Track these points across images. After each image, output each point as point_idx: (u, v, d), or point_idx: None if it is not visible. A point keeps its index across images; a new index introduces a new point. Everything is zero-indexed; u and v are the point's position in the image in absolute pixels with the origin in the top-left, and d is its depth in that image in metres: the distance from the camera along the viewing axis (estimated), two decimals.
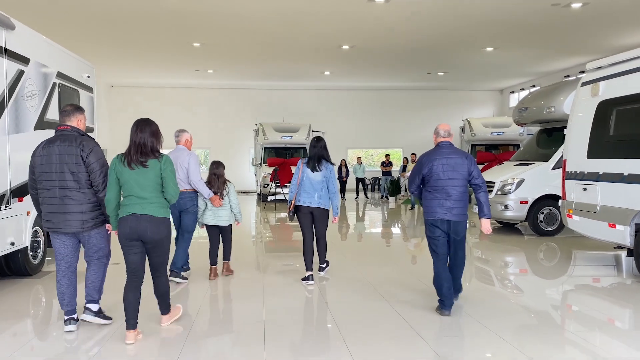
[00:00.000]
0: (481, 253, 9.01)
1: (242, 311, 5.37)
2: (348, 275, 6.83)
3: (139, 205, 4.11)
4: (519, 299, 6.01)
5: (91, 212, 4.37)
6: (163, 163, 4.19)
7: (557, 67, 19.35)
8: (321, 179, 6.11)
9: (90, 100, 8.36)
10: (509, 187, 9.84)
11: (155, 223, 4.14)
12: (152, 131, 4.22)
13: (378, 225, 13.06)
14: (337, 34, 14.53)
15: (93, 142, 4.44)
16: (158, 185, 4.18)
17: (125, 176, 4.13)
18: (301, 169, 6.16)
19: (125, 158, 4.16)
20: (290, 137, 18.75)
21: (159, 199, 4.19)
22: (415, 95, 25.07)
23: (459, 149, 5.09)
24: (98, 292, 4.58)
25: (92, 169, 4.31)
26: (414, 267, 7.64)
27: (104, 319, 4.62)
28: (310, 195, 6.10)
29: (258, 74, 20.65)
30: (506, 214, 9.95)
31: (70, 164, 4.28)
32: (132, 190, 4.13)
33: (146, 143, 4.16)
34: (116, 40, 15.10)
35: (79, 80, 7.97)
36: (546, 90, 10.37)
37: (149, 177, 4.13)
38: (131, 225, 4.11)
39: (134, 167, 4.11)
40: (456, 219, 4.87)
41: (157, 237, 4.19)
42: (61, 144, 4.31)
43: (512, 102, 24.47)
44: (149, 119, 4.33)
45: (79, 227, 4.32)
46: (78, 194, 4.30)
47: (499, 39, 15.15)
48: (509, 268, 7.78)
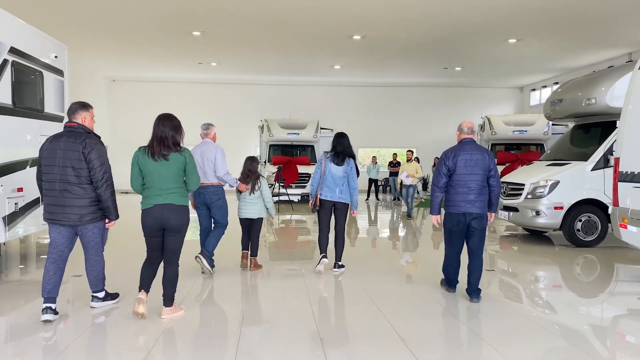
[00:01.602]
0: (507, 265, 7.84)
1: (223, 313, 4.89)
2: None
3: (160, 195, 4.41)
4: (552, 318, 5.15)
5: (89, 207, 4.51)
6: (188, 156, 4.52)
7: (584, 62, 18.04)
8: (343, 174, 6.37)
9: (58, 85, 7.27)
10: (541, 190, 8.57)
11: (178, 211, 4.45)
12: (174, 125, 4.47)
13: (389, 231, 11.84)
14: (348, 23, 13.46)
15: (96, 140, 4.57)
16: (179, 177, 4.49)
17: (149, 168, 4.41)
18: (324, 163, 6.41)
19: (148, 150, 4.43)
20: (297, 134, 17.62)
21: (179, 189, 4.49)
22: (430, 92, 23.89)
23: (480, 146, 5.32)
24: (101, 281, 4.87)
25: (92, 166, 4.44)
26: (429, 287, 6.42)
27: (112, 299, 5.01)
28: (332, 189, 6.38)
29: (264, 67, 19.63)
30: (538, 221, 8.68)
31: (72, 159, 4.43)
32: (154, 181, 4.42)
33: (167, 136, 4.42)
34: (113, 30, 14.32)
35: (43, 60, 6.88)
36: (585, 80, 9.09)
37: (171, 169, 4.42)
38: (155, 216, 4.41)
39: (157, 159, 4.39)
40: (479, 211, 5.15)
41: (178, 223, 4.48)
42: (67, 140, 4.49)
43: (533, 100, 23.22)
44: (171, 114, 4.58)
45: (76, 220, 4.49)
46: (78, 189, 4.46)
47: (523, 29, 13.98)
48: (539, 283, 6.74)
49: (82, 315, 4.78)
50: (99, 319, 4.71)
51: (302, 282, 6.20)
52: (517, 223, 9.41)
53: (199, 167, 5.86)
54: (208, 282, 6.13)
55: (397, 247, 9.60)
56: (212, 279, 6.24)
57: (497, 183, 5.20)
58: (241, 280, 6.36)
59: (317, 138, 17.70)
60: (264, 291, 5.99)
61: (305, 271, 6.76)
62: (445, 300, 5.45)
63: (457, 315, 4.96)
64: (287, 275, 6.64)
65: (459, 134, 5.36)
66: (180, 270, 4.73)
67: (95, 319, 4.68)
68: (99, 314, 4.81)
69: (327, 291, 6.10)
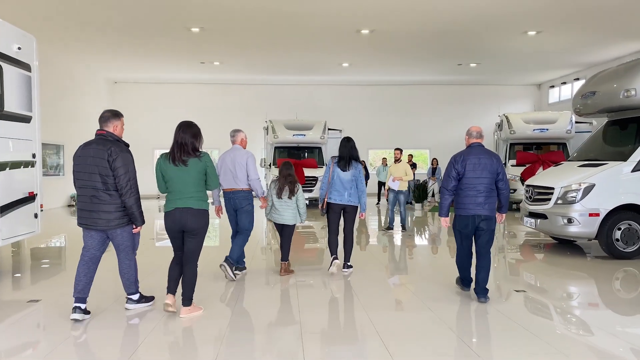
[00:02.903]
0: (535, 278, 6.92)
1: None
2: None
3: (180, 199, 4.65)
4: (588, 341, 4.52)
5: (116, 212, 4.65)
6: (207, 161, 4.74)
7: (608, 56, 16.95)
8: (351, 177, 6.48)
9: (23, 80, 6.42)
10: (573, 195, 7.55)
11: (196, 214, 4.67)
12: (193, 133, 4.69)
13: (402, 241, 10.87)
14: (356, 16, 12.57)
15: (122, 148, 4.68)
16: (199, 181, 4.71)
17: (170, 173, 4.66)
18: (332, 168, 6.54)
19: (169, 156, 4.68)
20: (303, 135, 16.70)
21: (199, 193, 4.71)
22: (443, 90, 22.87)
23: (488, 150, 5.43)
24: (134, 283, 4.98)
25: (117, 173, 4.56)
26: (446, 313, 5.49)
27: (147, 302, 5.12)
28: (341, 193, 6.50)
29: (268, 66, 18.80)
30: (570, 230, 7.66)
31: (100, 166, 4.56)
32: (175, 186, 4.67)
33: (187, 143, 4.63)
34: (108, 28, 13.68)
35: (2, 51, 6.03)
36: (623, 69, 8.05)
37: (191, 174, 4.64)
38: (175, 219, 4.67)
39: (177, 165, 4.62)
40: (488, 213, 5.28)
41: (196, 226, 4.69)
42: (96, 147, 4.63)
43: (552, 98, 22.12)
44: (192, 122, 4.80)
45: (104, 225, 4.64)
46: (105, 195, 4.60)
47: (544, 20, 12.98)
48: (573, 300, 5.89)
49: (111, 315, 4.94)
50: (132, 320, 4.86)
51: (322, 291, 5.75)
52: (546, 232, 8.39)
53: (229, 172, 6.20)
54: (232, 284, 6.22)
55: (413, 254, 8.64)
56: (238, 282, 6.32)
57: (505, 186, 5.35)
58: (266, 283, 6.43)
59: (324, 139, 16.77)
60: (285, 298, 5.85)
61: (313, 281, 6.39)
62: (472, 322, 4.58)
63: (475, 338, 4.06)
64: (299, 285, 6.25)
65: (467, 138, 5.52)
66: (208, 272, 5.30)
67: (127, 320, 4.85)
68: (131, 315, 4.95)
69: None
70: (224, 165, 6.28)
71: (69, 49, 16.17)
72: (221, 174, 6.24)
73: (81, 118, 18.57)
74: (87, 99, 19.72)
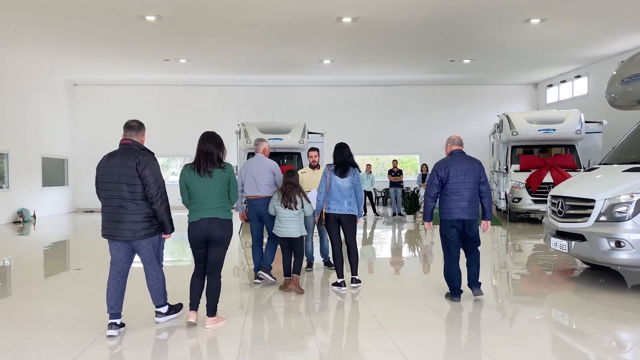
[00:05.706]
0: (569, 319, 5.18)
1: None
2: None
3: (206, 210, 4.70)
4: None
5: (143, 223, 4.62)
6: (231, 172, 4.84)
7: (614, 50, 15.48)
8: (349, 184, 6.22)
9: None
10: (622, 210, 5.70)
11: (222, 224, 4.75)
12: (217, 143, 4.79)
13: (393, 261, 9.01)
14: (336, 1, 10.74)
15: (150, 157, 4.69)
16: (224, 192, 4.78)
17: (195, 184, 4.72)
18: (328, 176, 6.25)
19: (195, 166, 4.73)
20: (279, 139, 14.74)
21: (224, 203, 4.78)
22: (434, 91, 21.17)
23: (469, 156, 5.57)
24: (163, 296, 4.93)
25: (146, 182, 4.57)
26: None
27: (176, 312, 5.08)
28: (340, 202, 6.21)
29: (240, 64, 16.96)
30: (619, 257, 5.75)
31: (127, 176, 4.56)
32: (200, 196, 4.72)
33: (212, 152, 4.73)
34: (52, 21, 11.59)
35: None
36: None
37: (215, 185, 4.72)
38: (202, 229, 4.71)
39: (203, 175, 4.68)
40: (471, 217, 5.42)
41: (222, 235, 4.76)
42: (122, 157, 4.62)
43: (550, 98, 20.58)
44: (214, 133, 4.86)
45: (130, 235, 4.61)
46: (132, 204, 4.58)
47: (550, 5, 11.31)
48: (625, 352, 4.33)
49: (142, 330, 4.79)
50: (160, 334, 4.71)
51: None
52: (583, 258, 6.54)
53: (253, 180, 6.35)
54: (246, 293, 6.18)
55: None
56: (261, 290, 6.29)
57: (487, 189, 5.46)
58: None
59: (303, 144, 14.86)
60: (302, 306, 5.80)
61: None
62: None
63: None
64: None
65: (449, 146, 5.68)
66: (234, 283, 5.79)
67: (157, 334, 4.70)
68: (161, 329, 4.83)
69: None
70: (248, 173, 6.43)
71: (14, 47, 14.19)
72: (245, 181, 6.43)
73: (32, 123, 16.59)
74: (42, 102, 17.68)
